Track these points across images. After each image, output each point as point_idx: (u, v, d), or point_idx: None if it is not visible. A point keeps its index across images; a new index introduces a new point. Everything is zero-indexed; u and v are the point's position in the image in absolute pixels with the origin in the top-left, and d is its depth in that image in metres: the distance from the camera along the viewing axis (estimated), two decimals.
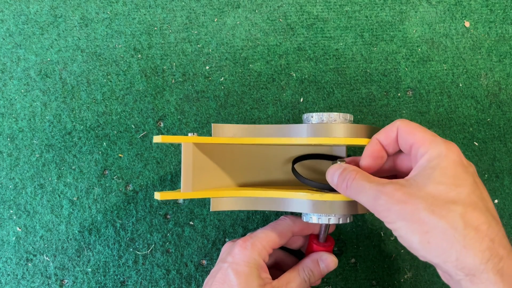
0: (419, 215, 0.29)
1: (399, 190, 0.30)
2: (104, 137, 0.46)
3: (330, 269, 0.40)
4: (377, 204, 0.31)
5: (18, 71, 0.46)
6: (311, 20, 0.49)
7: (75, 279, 0.45)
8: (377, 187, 0.31)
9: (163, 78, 0.47)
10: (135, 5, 0.48)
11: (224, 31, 0.48)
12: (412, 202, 0.29)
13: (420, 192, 0.30)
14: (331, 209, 0.37)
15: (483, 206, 0.29)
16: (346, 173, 0.34)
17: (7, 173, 0.45)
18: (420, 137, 0.32)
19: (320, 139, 0.36)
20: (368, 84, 0.48)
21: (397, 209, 0.30)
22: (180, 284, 0.45)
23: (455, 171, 0.30)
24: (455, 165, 0.30)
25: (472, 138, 0.48)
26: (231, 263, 0.37)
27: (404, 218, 0.29)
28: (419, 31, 0.49)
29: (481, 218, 0.29)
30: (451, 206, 0.29)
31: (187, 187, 0.38)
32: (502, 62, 0.49)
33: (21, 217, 0.45)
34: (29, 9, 0.47)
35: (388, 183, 0.31)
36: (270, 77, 0.48)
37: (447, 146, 0.31)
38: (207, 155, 0.39)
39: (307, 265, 0.39)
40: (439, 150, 0.31)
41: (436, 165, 0.30)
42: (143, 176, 0.46)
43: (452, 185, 0.29)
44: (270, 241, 0.39)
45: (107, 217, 0.45)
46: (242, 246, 0.38)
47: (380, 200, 0.31)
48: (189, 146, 0.38)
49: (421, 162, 0.32)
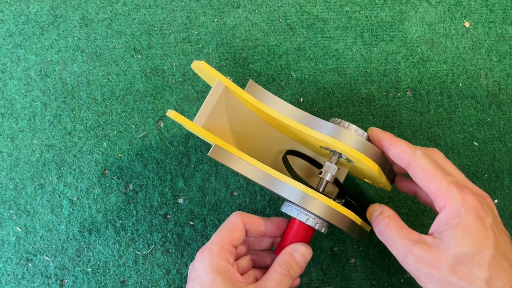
0: (449, 280, 0.31)
1: (427, 253, 0.32)
2: (104, 137, 0.46)
3: (307, 257, 0.38)
4: (406, 263, 0.33)
5: (18, 71, 0.47)
6: (311, 20, 0.49)
7: (75, 279, 0.45)
8: (407, 246, 0.33)
9: (163, 78, 0.47)
10: (135, 5, 0.48)
11: (224, 31, 0.48)
12: (440, 267, 0.32)
13: (447, 256, 0.32)
14: (317, 209, 0.36)
15: (506, 264, 0.32)
16: (381, 219, 0.36)
17: (7, 173, 0.45)
18: (434, 188, 0.33)
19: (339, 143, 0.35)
20: (368, 84, 0.48)
21: (427, 272, 0.32)
22: (180, 284, 0.46)
23: (476, 230, 0.32)
24: (475, 224, 0.32)
25: (472, 138, 0.48)
26: (194, 278, 0.36)
27: (433, 281, 0.32)
28: (419, 31, 0.49)
29: (505, 278, 0.31)
30: (477, 271, 0.31)
31: (200, 120, 0.37)
32: (502, 62, 0.49)
33: (21, 217, 0.45)
34: (29, 9, 0.47)
35: (417, 243, 0.33)
36: (270, 77, 0.48)
37: (463, 200, 0.32)
38: (228, 106, 0.39)
39: (282, 260, 0.38)
40: (457, 206, 0.32)
41: (458, 225, 0.32)
42: (143, 176, 0.46)
43: (475, 247, 0.31)
44: (224, 238, 0.37)
45: (107, 217, 0.46)
46: (200, 257, 0.37)
47: (409, 260, 0.33)
48: (221, 86, 0.37)
49: (441, 217, 0.33)
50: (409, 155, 0.35)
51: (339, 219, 0.36)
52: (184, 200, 0.46)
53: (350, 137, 0.36)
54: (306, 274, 0.46)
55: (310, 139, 0.39)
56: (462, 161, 0.48)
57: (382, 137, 0.37)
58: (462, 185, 0.33)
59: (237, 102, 0.39)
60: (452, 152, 0.48)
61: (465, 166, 0.48)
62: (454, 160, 0.48)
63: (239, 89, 0.38)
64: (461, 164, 0.48)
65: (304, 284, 0.46)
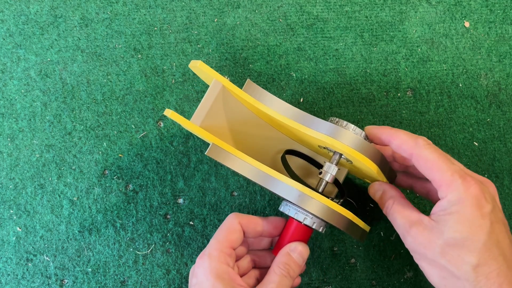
0: (439, 261, 0.33)
1: (422, 235, 0.34)
2: (104, 137, 0.46)
3: (305, 256, 0.38)
4: (405, 242, 0.35)
5: (18, 71, 0.47)
6: (311, 20, 0.49)
7: (75, 279, 0.45)
8: (405, 226, 0.35)
9: (163, 78, 0.47)
10: (135, 5, 0.48)
11: (224, 31, 0.48)
12: (433, 249, 0.33)
13: (440, 239, 0.33)
14: (315, 209, 0.35)
15: (497, 252, 0.32)
16: (385, 200, 0.38)
17: (7, 173, 0.45)
18: (438, 177, 0.34)
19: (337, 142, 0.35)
20: (368, 84, 0.48)
21: (420, 252, 0.34)
22: (180, 284, 0.46)
23: (471, 218, 0.32)
24: (472, 211, 0.32)
25: (472, 138, 0.48)
26: (195, 284, 0.36)
27: (425, 260, 0.34)
28: (419, 31, 0.49)
29: (493, 265, 0.32)
30: (465, 256, 0.32)
31: (197, 119, 0.37)
32: (502, 62, 0.49)
33: (21, 217, 0.45)
34: (29, 9, 0.47)
35: (414, 224, 0.34)
36: (270, 77, 0.48)
37: (465, 188, 0.33)
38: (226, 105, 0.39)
39: (280, 261, 0.38)
40: (458, 194, 0.33)
41: (455, 212, 0.33)
42: (143, 176, 0.46)
43: (468, 233, 0.32)
44: (222, 242, 0.37)
45: (107, 217, 0.46)
46: (200, 262, 0.36)
47: (406, 240, 0.35)
48: (218, 85, 0.37)
49: (442, 203, 0.34)
50: (411, 145, 0.35)
51: (337, 218, 0.36)
52: (184, 200, 0.46)
53: (348, 137, 0.35)
54: (306, 274, 0.46)
55: (309, 138, 0.38)
56: (462, 161, 0.48)
57: (380, 132, 0.37)
58: (465, 173, 0.34)
59: (235, 101, 0.39)
60: (452, 152, 0.48)
61: (465, 166, 0.48)
62: None
63: (237, 88, 0.38)
64: (461, 164, 0.48)
65: (304, 284, 0.46)
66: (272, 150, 0.44)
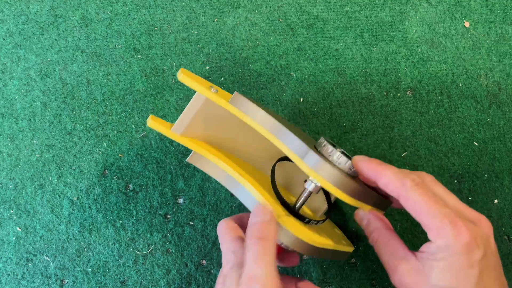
0: None
1: (409, 275, 0.33)
2: (104, 137, 0.46)
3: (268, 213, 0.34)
4: (391, 279, 0.35)
5: (18, 71, 0.47)
6: (311, 20, 0.49)
7: (75, 279, 0.45)
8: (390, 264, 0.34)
9: (163, 78, 0.47)
10: (135, 5, 0.48)
11: (224, 31, 0.48)
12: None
13: (427, 285, 0.32)
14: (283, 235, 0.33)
15: None
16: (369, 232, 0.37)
17: (7, 173, 0.45)
18: (427, 222, 0.32)
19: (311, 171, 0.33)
20: (368, 84, 0.48)
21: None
22: (180, 284, 0.46)
23: (459, 267, 0.31)
24: (460, 260, 0.31)
25: (472, 138, 0.48)
26: None
27: None
28: (419, 31, 0.49)
29: None
30: None
31: (178, 129, 0.37)
32: (502, 62, 0.49)
33: (21, 217, 0.45)
34: (29, 9, 0.47)
35: (401, 263, 0.33)
36: (270, 77, 0.48)
37: (455, 235, 0.31)
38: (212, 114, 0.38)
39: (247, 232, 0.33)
40: (447, 241, 0.31)
41: (442, 259, 0.32)
42: (143, 176, 0.46)
43: (455, 284, 0.31)
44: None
45: (107, 217, 0.46)
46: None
47: (392, 278, 0.34)
48: (201, 98, 0.37)
49: (430, 246, 0.32)
50: (397, 186, 0.33)
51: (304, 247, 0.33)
52: (184, 200, 0.46)
53: (327, 171, 0.33)
54: (306, 274, 0.46)
55: None
56: (462, 161, 0.48)
57: (366, 168, 0.35)
58: (456, 217, 0.32)
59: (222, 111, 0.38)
60: (452, 152, 0.48)
61: (465, 166, 0.48)
62: (454, 160, 0.48)
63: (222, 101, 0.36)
64: (461, 164, 0.48)
65: None
66: (265, 157, 0.43)
